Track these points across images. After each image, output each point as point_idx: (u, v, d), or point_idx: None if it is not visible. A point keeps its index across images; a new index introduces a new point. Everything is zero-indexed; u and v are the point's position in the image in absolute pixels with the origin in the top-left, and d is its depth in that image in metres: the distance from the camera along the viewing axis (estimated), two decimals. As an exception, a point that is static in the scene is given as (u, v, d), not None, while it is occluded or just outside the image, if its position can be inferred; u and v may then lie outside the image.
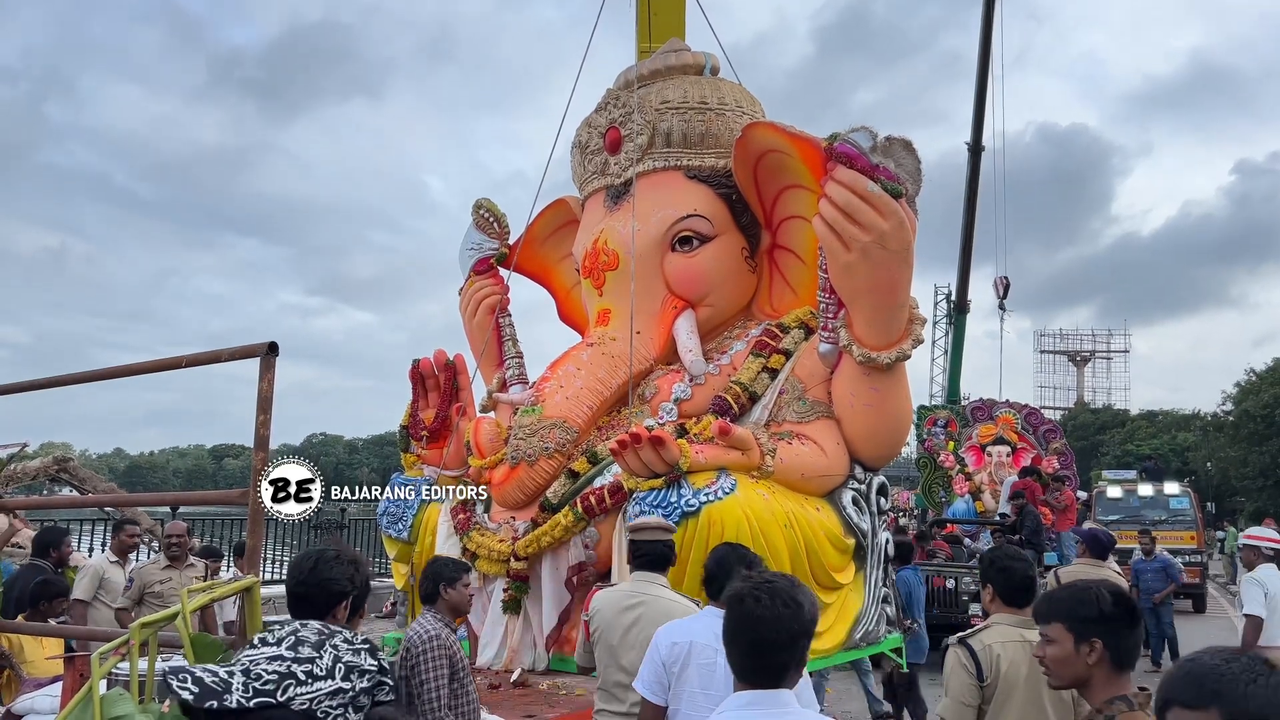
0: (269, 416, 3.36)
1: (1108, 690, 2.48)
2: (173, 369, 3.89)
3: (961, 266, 21.37)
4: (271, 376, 3.35)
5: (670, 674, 3.48)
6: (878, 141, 5.01)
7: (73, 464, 15.52)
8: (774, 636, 2.04)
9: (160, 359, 4.01)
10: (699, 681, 3.41)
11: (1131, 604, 2.57)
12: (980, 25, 19.02)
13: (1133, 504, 19.44)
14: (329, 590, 2.83)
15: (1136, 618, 2.55)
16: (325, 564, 2.87)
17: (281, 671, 2.41)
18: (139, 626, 2.92)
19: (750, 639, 2.07)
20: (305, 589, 2.82)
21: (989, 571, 3.63)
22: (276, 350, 3.36)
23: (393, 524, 6.31)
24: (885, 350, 5.32)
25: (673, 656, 3.50)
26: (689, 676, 3.43)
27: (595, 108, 6.76)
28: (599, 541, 5.44)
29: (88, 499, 11.85)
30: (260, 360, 3.35)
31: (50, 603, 5.30)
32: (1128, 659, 2.51)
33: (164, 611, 3.12)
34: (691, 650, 3.46)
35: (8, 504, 9.97)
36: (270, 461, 3.37)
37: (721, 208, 6.20)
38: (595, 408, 5.96)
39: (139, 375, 4.17)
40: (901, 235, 5.01)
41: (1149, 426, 54.80)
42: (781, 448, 5.44)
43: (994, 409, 17.96)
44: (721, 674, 3.39)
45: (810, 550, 5.19)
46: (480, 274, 7.26)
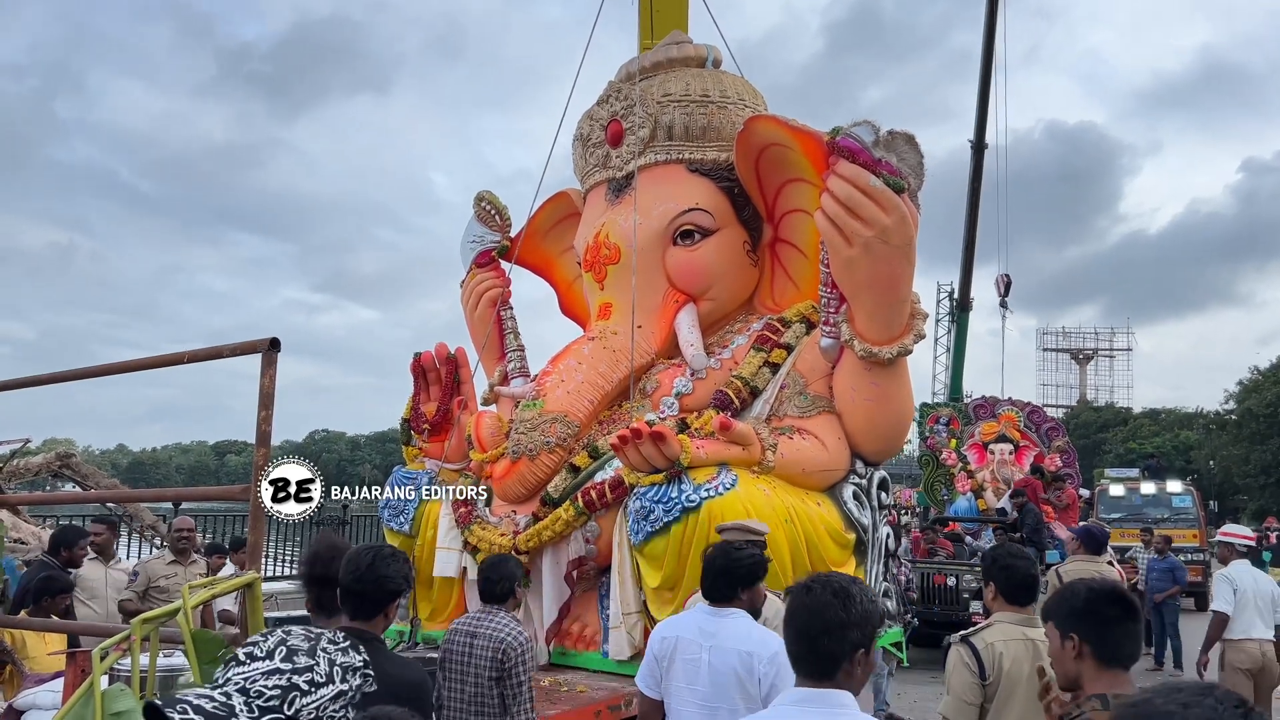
0: (271, 413, 3.36)
1: (1095, 687, 2.45)
2: (175, 365, 3.89)
3: (964, 264, 21.40)
4: (273, 373, 3.35)
5: (660, 668, 3.52)
6: (880, 136, 4.98)
7: (75, 460, 15.57)
8: (818, 624, 2.10)
9: (162, 355, 4.01)
10: (684, 676, 3.44)
11: (1118, 597, 2.53)
12: (984, 23, 19.03)
13: (1135, 502, 19.43)
14: (384, 589, 2.81)
15: (1124, 612, 2.50)
16: (382, 561, 2.85)
17: (284, 685, 2.37)
18: (140, 622, 2.92)
19: (797, 626, 2.15)
20: (363, 586, 2.79)
21: (991, 569, 3.63)
22: (278, 346, 3.37)
23: (394, 517, 6.31)
24: (887, 345, 5.29)
25: (663, 651, 3.53)
26: (675, 671, 3.47)
27: (597, 100, 6.74)
28: (599, 536, 5.44)
29: (90, 495, 11.87)
30: (262, 356, 3.36)
31: (54, 598, 5.31)
32: (1114, 654, 2.46)
33: (165, 607, 3.13)
34: (678, 645, 3.49)
35: (10, 500, 9.99)
36: (272, 458, 3.37)
37: (723, 201, 6.18)
38: (596, 402, 5.95)
39: (141, 371, 4.18)
40: (904, 230, 4.98)
41: (1151, 425, 54.82)
42: (782, 443, 5.42)
43: (996, 407, 17.97)
44: (705, 670, 3.41)
45: (811, 545, 5.17)
46: (482, 267, 7.25)
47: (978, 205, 20.11)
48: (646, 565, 5.07)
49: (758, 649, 3.30)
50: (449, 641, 3.97)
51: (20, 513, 11.26)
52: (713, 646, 3.41)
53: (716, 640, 3.42)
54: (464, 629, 3.95)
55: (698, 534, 4.85)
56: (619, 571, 5.25)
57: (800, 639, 2.14)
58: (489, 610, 3.99)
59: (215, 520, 13.09)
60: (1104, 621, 2.48)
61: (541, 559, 5.58)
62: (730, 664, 3.34)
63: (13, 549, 8.94)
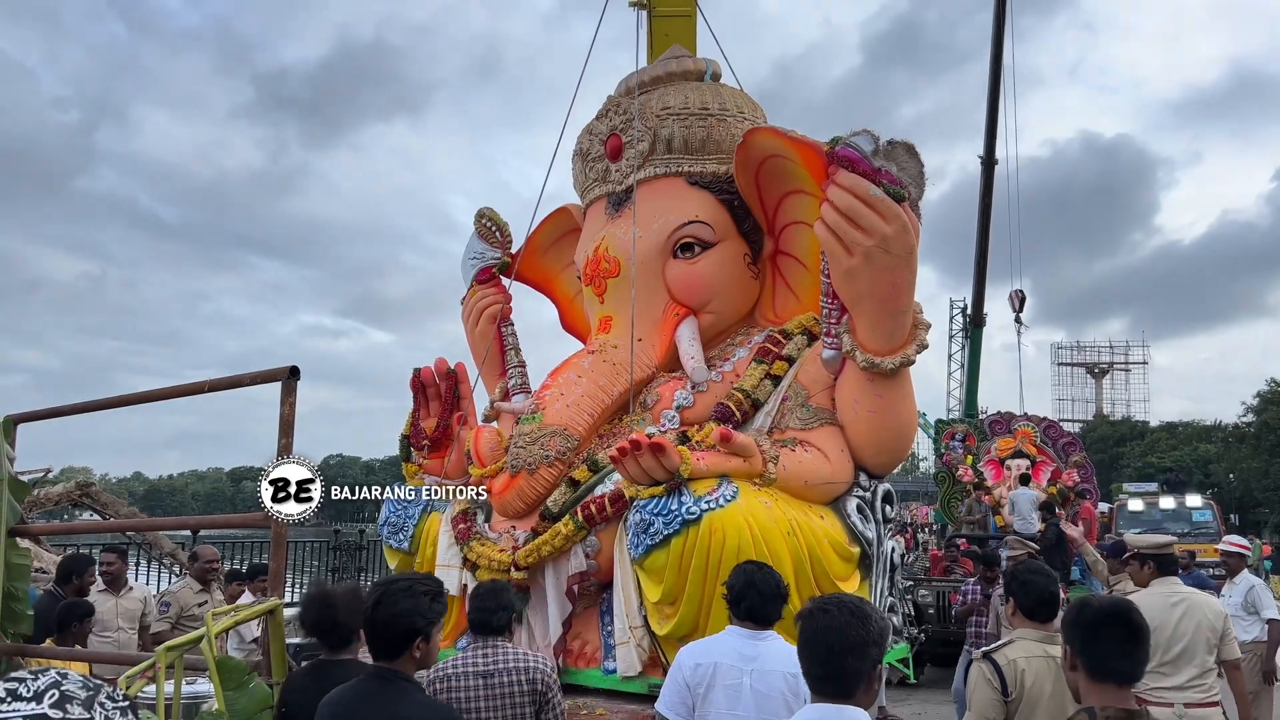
0: (291, 440, 3.39)
1: (1087, 700, 2.44)
2: (195, 394, 3.92)
3: (977, 280, 21.34)
4: (293, 400, 3.38)
5: (695, 695, 3.45)
6: (880, 145, 4.96)
7: (94, 489, 15.66)
8: (842, 643, 2.20)
9: (183, 384, 4.04)
10: (725, 703, 3.38)
11: (1117, 615, 2.52)
12: (991, 39, 19.09)
13: (1155, 517, 19.26)
14: (393, 629, 2.63)
15: (1120, 629, 2.49)
16: (390, 598, 2.65)
17: None
18: (165, 650, 2.97)
19: (820, 647, 2.24)
20: (372, 627, 2.62)
21: (1011, 585, 3.65)
22: (298, 375, 3.39)
23: (393, 534, 6.28)
24: (889, 355, 5.24)
25: (696, 678, 3.45)
26: (714, 699, 3.40)
27: (596, 115, 6.75)
28: (600, 550, 5.39)
29: (109, 524, 11.95)
30: (282, 385, 3.39)
31: (81, 623, 5.33)
32: (1103, 669, 2.46)
33: (189, 635, 3.17)
34: (716, 672, 3.42)
35: (32, 530, 10.05)
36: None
37: (723, 214, 6.17)
38: (596, 415, 5.92)
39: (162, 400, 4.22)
40: (904, 239, 4.95)
41: (1169, 438, 54.28)
42: (784, 455, 5.37)
43: (1012, 422, 17.85)
44: (748, 694, 3.35)
45: (814, 558, 5.10)
46: (483, 283, 7.25)
47: (989, 221, 20.08)
48: (647, 579, 5.01)
49: None
50: (450, 690, 3.47)
51: (41, 542, 11.34)
52: (754, 670, 3.36)
53: (758, 664, 3.36)
54: (469, 670, 3.53)
55: (698, 547, 4.80)
56: (621, 586, 5.20)
57: (825, 660, 2.22)
58: (489, 643, 3.64)
59: (235, 547, 13.14)
60: (1095, 637, 2.49)
61: (543, 575, 5.53)
62: (777, 687, 3.29)
63: (35, 579, 9.01)
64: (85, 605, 5.53)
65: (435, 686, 3.47)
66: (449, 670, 3.53)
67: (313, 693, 3.20)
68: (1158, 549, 5.12)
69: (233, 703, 3.05)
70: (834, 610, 2.24)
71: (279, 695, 3.21)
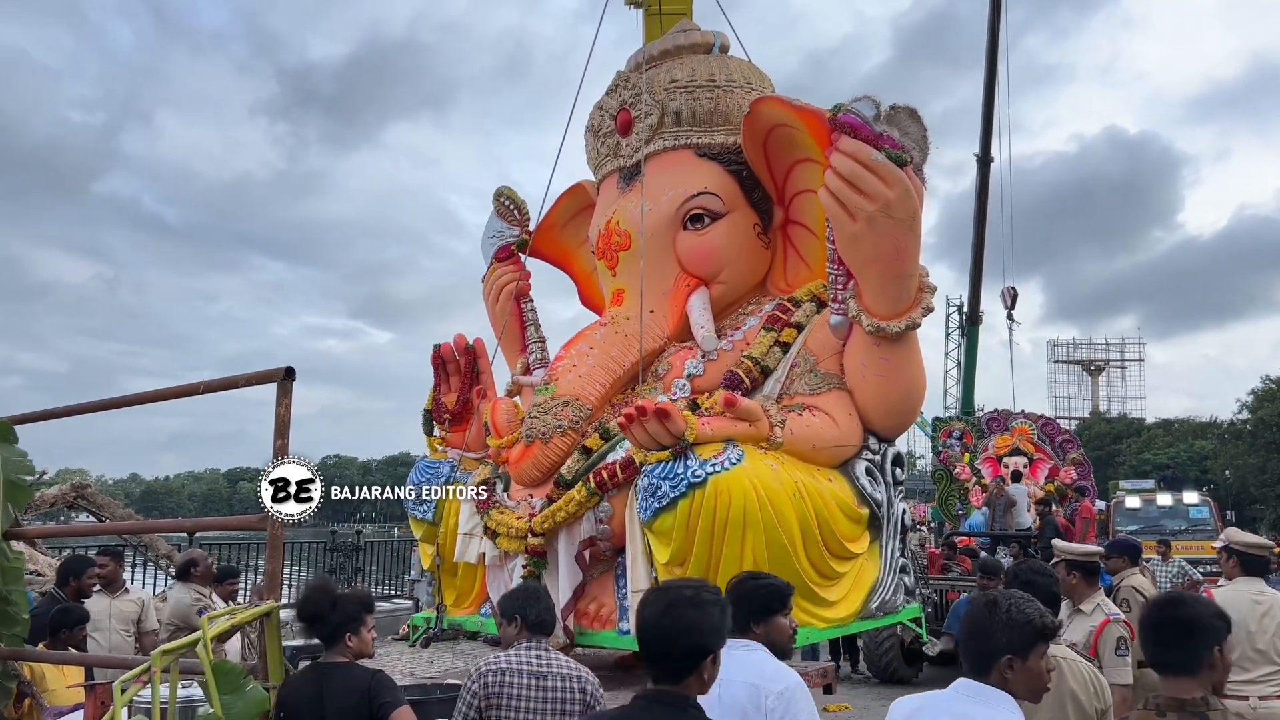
0: (287, 441, 3.37)
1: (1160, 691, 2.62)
2: (191, 395, 3.89)
3: (973, 278, 21.33)
4: (289, 401, 3.36)
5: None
6: (881, 110, 5.03)
7: (90, 490, 15.56)
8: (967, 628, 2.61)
9: (179, 385, 4.01)
10: None
11: (1153, 608, 2.69)
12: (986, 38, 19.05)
13: (1152, 514, 19.21)
14: (681, 645, 2.32)
15: (1161, 623, 2.62)
16: (677, 609, 2.35)
17: None
18: (160, 653, 2.93)
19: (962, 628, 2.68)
20: (654, 642, 2.35)
21: (1012, 585, 3.66)
22: (293, 375, 3.37)
23: (417, 505, 6.44)
24: (895, 319, 5.32)
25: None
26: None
27: (606, 90, 6.84)
28: (612, 516, 5.47)
29: (106, 526, 11.88)
30: (277, 385, 3.36)
31: (71, 630, 5.28)
32: (1151, 661, 2.64)
33: (185, 639, 3.14)
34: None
35: (27, 532, 10.00)
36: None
37: (732, 184, 6.23)
38: (608, 385, 6.03)
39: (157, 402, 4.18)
40: (908, 203, 5.01)
41: (1166, 435, 54.42)
42: (791, 419, 5.45)
43: (1009, 420, 17.90)
44: (715, 705, 3.27)
45: (821, 519, 5.19)
46: (502, 261, 7.36)
47: (984, 219, 20.05)
48: (656, 541, 5.10)
49: (767, 683, 3.09)
50: (502, 685, 3.48)
51: (36, 545, 11.27)
52: (722, 679, 3.34)
53: (725, 674, 3.33)
54: (524, 668, 3.53)
55: (704, 509, 4.88)
56: (631, 549, 5.29)
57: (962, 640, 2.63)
58: (541, 645, 3.64)
59: (229, 549, 13.11)
60: (1144, 631, 2.68)
61: (557, 540, 5.63)
62: (737, 698, 3.21)
63: (30, 581, 8.95)
64: (78, 612, 5.44)
65: (488, 679, 3.47)
66: (503, 664, 3.53)
67: (310, 696, 3.18)
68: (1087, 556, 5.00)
69: (229, 707, 3.01)
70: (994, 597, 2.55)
71: (276, 699, 3.18)
